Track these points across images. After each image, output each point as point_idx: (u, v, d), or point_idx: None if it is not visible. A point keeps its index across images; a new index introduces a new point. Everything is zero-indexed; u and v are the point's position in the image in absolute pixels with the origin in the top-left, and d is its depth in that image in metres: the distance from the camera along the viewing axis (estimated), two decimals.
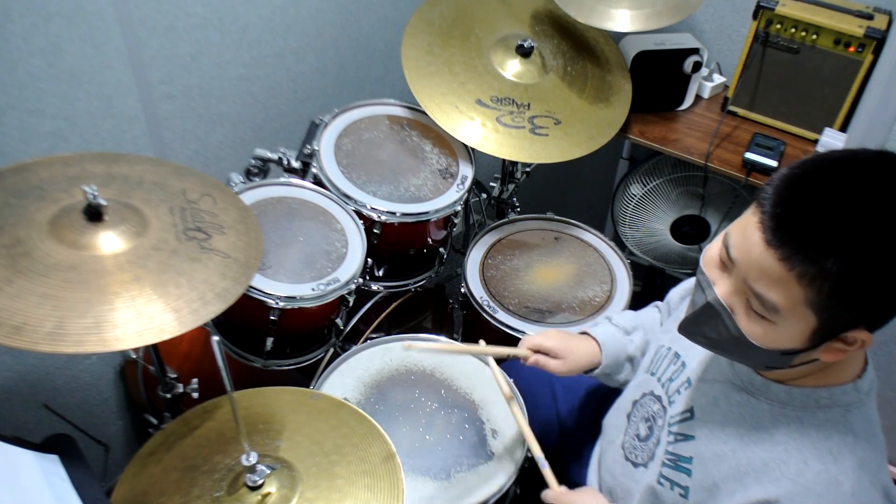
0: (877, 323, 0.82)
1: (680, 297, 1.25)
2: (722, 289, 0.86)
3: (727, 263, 0.86)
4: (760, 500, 0.88)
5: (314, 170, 1.57)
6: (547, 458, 1.26)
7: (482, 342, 1.29)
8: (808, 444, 0.88)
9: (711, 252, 0.90)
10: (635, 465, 1.10)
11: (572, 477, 1.37)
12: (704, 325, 0.90)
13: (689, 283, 1.23)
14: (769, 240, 0.78)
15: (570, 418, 1.40)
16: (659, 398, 1.09)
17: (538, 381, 1.41)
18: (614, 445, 1.17)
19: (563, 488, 1.13)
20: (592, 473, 1.26)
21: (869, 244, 0.75)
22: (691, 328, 0.93)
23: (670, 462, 1.01)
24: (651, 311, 1.35)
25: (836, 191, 0.77)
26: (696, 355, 1.05)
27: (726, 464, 0.93)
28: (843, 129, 1.71)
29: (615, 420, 1.20)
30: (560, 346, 1.23)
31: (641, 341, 1.27)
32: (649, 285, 2.22)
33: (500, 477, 1.25)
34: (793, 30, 1.66)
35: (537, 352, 1.24)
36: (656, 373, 1.12)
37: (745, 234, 0.82)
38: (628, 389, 1.21)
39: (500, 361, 1.33)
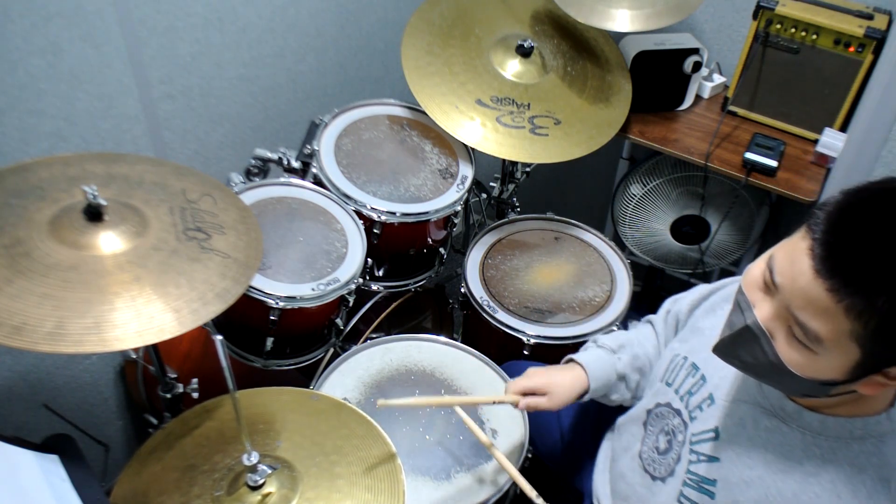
0: None
1: (691, 306, 1.20)
2: (763, 312, 0.84)
3: (770, 287, 0.83)
4: None
5: (314, 170, 1.57)
6: (548, 460, 1.25)
7: (463, 398, 1.28)
8: (842, 478, 0.86)
9: (753, 273, 0.87)
10: (654, 478, 1.08)
11: (573, 478, 1.37)
12: (741, 348, 0.87)
13: (699, 291, 1.20)
14: (819, 269, 0.76)
15: (571, 421, 1.40)
16: (678, 412, 1.06)
17: None
18: (630, 453, 1.15)
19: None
20: (600, 475, 1.25)
21: None
22: (727, 350, 0.89)
23: (692, 483, 0.99)
24: (641, 327, 1.32)
25: (892, 223, 0.74)
26: (717, 370, 1.02)
27: (753, 490, 0.91)
28: (843, 129, 1.71)
29: (630, 427, 1.18)
30: (544, 383, 1.20)
31: (630, 357, 1.24)
32: (649, 285, 2.22)
33: (500, 477, 1.25)
34: (793, 30, 1.66)
35: (524, 394, 1.20)
36: (672, 383, 1.10)
37: (792, 259, 0.79)
38: (641, 398, 1.19)
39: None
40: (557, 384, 1.20)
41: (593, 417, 1.37)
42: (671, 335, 1.25)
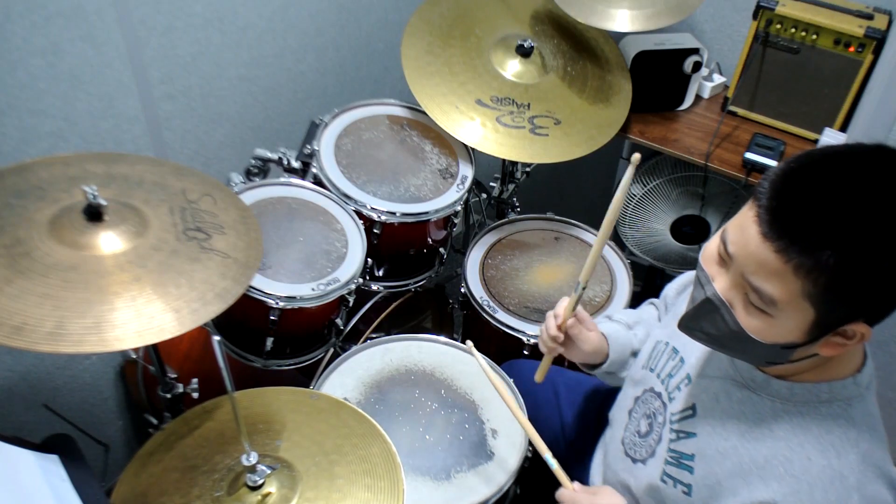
0: (876, 316, 0.82)
1: (676, 291, 1.25)
2: (721, 284, 0.87)
3: (725, 259, 0.86)
4: (766, 499, 0.88)
5: (314, 170, 1.57)
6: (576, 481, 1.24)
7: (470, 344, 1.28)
8: (810, 439, 0.89)
9: (710, 248, 0.90)
10: (634, 460, 1.10)
11: (575, 475, 1.37)
12: (704, 320, 0.90)
13: (685, 277, 1.24)
14: (765, 232, 0.79)
15: (573, 417, 1.40)
16: (659, 395, 1.09)
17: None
18: (614, 441, 1.17)
19: (577, 485, 1.12)
20: (596, 468, 1.26)
21: (865, 236, 0.75)
22: (691, 324, 0.93)
23: (673, 459, 1.02)
24: (648, 308, 1.35)
25: (831, 183, 0.77)
26: (694, 351, 1.05)
27: (729, 461, 0.94)
28: (843, 129, 1.71)
29: (617, 416, 1.20)
30: (591, 323, 1.22)
31: (644, 335, 1.27)
32: (649, 285, 2.22)
33: (500, 477, 1.25)
34: (793, 30, 1.66)
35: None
36: (655, 369, 1.12)
37: (742, 228, 0.83)
38: (627, 385, 1.21)
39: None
40: (599, 335, 1.22)
41: (595, 416, 1.38)
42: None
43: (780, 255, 0.78)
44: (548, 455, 1.13)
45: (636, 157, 1.03)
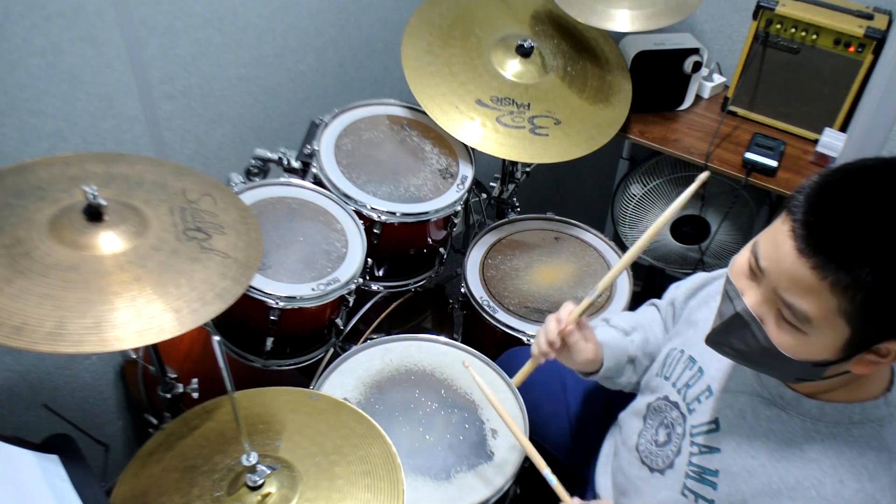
0: None
1: (686, 295, 1.22)
2: (751, 299, 0.85)
3: (756, 273, 0.84)
4: None
5: (314, 170, 1.57)
6: (557, 451, 1.25)
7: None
8: (844, 462, 0.87)
9: (739, 261, 0.88)
10: (651, 469, 1.09)
11: (581, 470, 1.37)
12: (733, 336, 0.88)
13: (695, 280, 1.21)
14: (801, 248, 0.77)
15: (580, 410, 1.39)
16: (676, 405, 1.07)
17: (547, 372, 1.40)
18: (628, 447, 1.16)
19: (577, 500, 1.10)
20: (602, 468, 1.26)
21: None
22: (719, 339, 0.91)
23: (695, 474, 1.00)
24: (648, 310, 1.33)
25: (869, 198, 0.75)
26: (714, 362, 1.03)
27: (756, 480, 0.92)
28: (843, 129, 1.71)
29: (630, 421, 1.19)
30: (591, 332, 1.20)
31: (641, 340, 1.25)
32: (649, 285, 2.22)
33: (500, 477, 1.25)
34: (793, 30, 1.66)
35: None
36: (670, 377, 1.10)
37: (775, 242, 0.80)
38: (641, 391, 1.19)
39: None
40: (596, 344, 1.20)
41: (602, 408, 1.37)
42: (670, 322, 1.26)
43: (816, 272, 0.76)
44: (547, 471, 1.12)
45: (705, 175, 1.03)
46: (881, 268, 0.74)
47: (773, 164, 1.67)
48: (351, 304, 1.50)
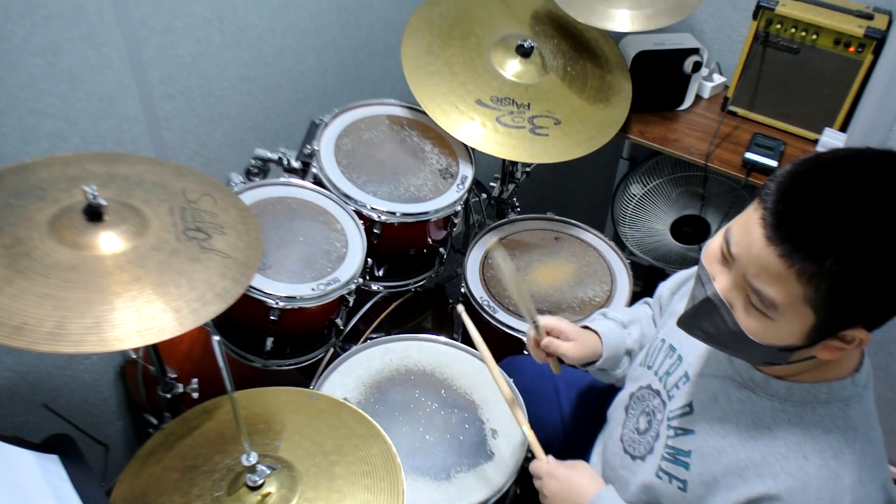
0: (875, 322, 0.82)
1: (670, 291, 1.25)
2: (721, 283, 0.87)
3: (728, 258, 0.86)
4: (761, 495, 0.89)
5: (314, 170, 1.57)
6: (551, 453, 1.24)
7: (460, 308, 1.29)
8: (808, 439, 0.89)
9: (712, 247, 0.90)
10: (633, 457, 1.11)
11: None
12: (703, 319, 0.90)
13: (680, 276, 1.24)
14: (770, 236, 0.79)
15: (573, 414, 1.40)
16: (658, 392, 1.09)
17: (540, 377, 1.41)
18: (613, 438, 1.18)
19: (551, 458, 1.13)
20: (594, 466, 1.26)
21: (869, 244, 0.75)
22: (690, 322, 0.93)
23: (669, 456, 1.02)
24: (642, 307, 1.35)
25: (838, 189, 0.77)
26: (692, 349, 1.06)
27: (726, 459, 0.94)
28: (843, 129, 1.71)
29: (615, 413, 1.21)
30: (571, 330, 1.22)
31: (639, 334, 1.27)
32: (649, 285, 2.22)
33: (500, 477, 1.25)
34: (793, 30, 1.66)
35: (548, 334, 1.23)
36: (653, 366, 1.13)
37: (746, 229, 0.82)
38: (626, 384, 1.21)
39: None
40: (584, 336, 1.23)
41: (595, 408, 1.38)
42: (658, 317, 1.29)
43: (783, 260, 0.78)
44: (525, 427, 1.15)
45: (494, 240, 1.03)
46: (846, 258, 0.75)
47: (774, 164, 1.67)
48: (351, 304, 1.50)
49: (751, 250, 0.81)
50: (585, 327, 1.28)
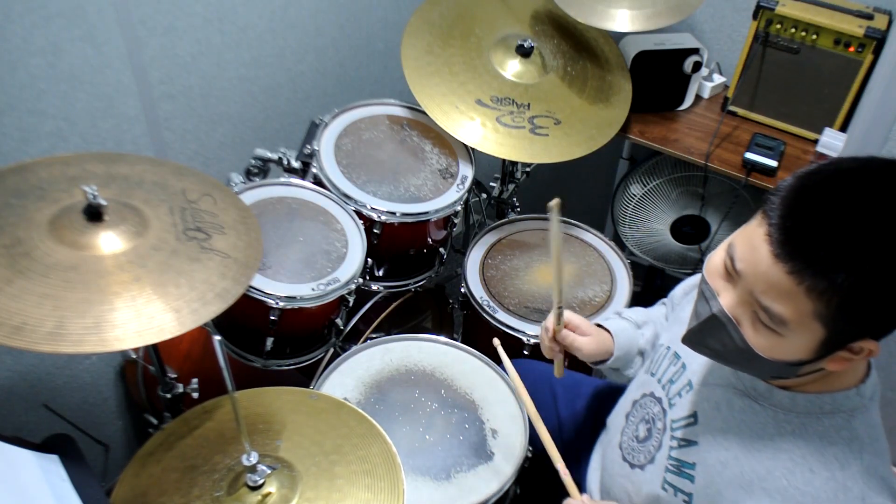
0: (883, 332, 0.81)
1: (683, 293, 1.24)
2: (727, 300, 0.85)
3: (732, 274, 0.84)
4: None
5: (314, 170, 1.57)
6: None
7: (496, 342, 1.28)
8: (813, 451, 0.87)
9: (714, 262, 0.88)
10: (632, 466, 1.10)
11: (573, 473, 1.37)
12: (710, 336, 0.88)
13: (693, 280, 1.23)
14: (778, 253, 0.77)
15: (571, 419, 1.40)
16: (659, 400, 1.08)
17: (538, 381, 1.41)
18: (612, 445, 1.17)
19: (586, 497, 1.10)
20: (593, 473, 1.26)
21: (879, 256, 0.74)
22: (696, 339, 0.91)
23: (673, 468, 1.01)
24: (659, 308, 1.34)
25: (846, 204, 0.75)
26: (697, 357, 1.04)
27: (730, 471, 0.93)
28: (843, 129, 1.71)
29: (615, 420, 1.20)
30: (587, 326, 1.21)
31: (652, 335, 1.26)
32: (649, 285, 2.22)
33: (500, 477, 1.25)
34: (793, 30, 1.66)
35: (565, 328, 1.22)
36: (656, 373, 1.12)
37: (751, 245, 0.81)
38: (629, 389, 1.20)
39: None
40: (598, 332, 1.22)
41: (592, 414, 1.38)
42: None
43: (793, 277, 0.76)
44: (560, 465, 1.12)
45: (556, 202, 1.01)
46: (857, 272, 0.74)
47: (773, 164, 1.67)
48: (351, 304, 1.50)
49: (758, 267, 0.79)
50: (599, 326, 1.27)
